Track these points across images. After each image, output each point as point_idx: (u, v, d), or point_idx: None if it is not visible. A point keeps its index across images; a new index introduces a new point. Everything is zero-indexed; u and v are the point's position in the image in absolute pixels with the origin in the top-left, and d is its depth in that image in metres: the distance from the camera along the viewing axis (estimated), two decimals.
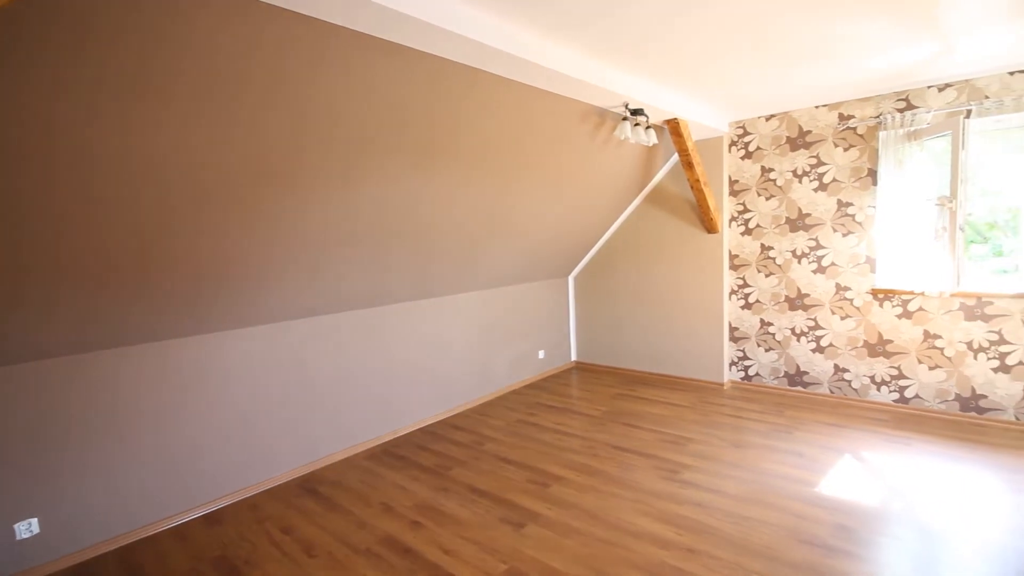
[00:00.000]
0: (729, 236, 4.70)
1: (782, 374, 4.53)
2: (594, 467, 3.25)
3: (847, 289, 4.12)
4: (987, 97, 3.44)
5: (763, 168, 4.44)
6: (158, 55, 1.71)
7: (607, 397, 4.65)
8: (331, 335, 3.51)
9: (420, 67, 2.34)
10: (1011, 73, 3.36)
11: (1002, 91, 3.40)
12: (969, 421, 3.67)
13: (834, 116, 4.04)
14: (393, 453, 3.62)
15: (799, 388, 4.44)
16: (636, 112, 3.40)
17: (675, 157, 4.71)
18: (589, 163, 4.02)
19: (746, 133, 4.50)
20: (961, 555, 2.25)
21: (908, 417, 3.82)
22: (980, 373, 3.64)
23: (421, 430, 4.03)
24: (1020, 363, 3.50)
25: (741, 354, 4.75)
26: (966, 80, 3.50)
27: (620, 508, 2.75)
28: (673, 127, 3.90)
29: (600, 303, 5.56)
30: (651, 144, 3.60)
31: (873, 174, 3.90)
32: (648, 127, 3.52)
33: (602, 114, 3.50)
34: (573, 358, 5.88)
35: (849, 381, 4.18)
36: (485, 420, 4.19)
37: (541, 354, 5.40)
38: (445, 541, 2.53)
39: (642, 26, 2.45)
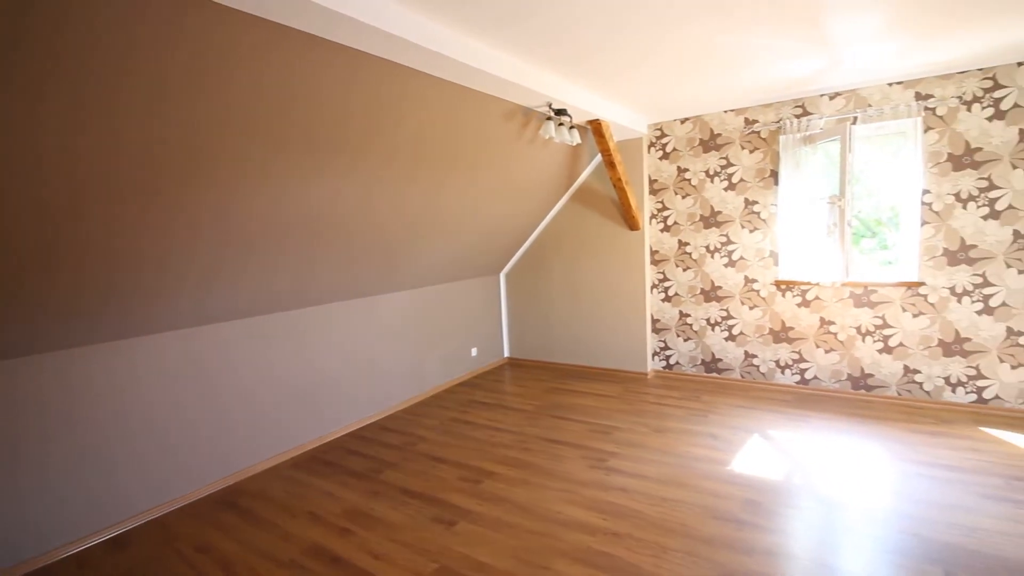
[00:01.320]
0: (650, 233, 4.92)
1: (699, 362, 4.81)
2: (526, 461, 3.32)
3: (754, 281, 4.45)
4: (870, 105, 3.82)
5: (679, 168, 4.69)
6: (24, 37, 1.55)
7: (539, 391, 4.74)
8: (251, 340, 3.35)
9: (341, 60, 2.27)
10: (890, 84, 3.75)
11: (882, 100, 3.78)
12: (859, 398, 4.08)
13: (741, 120, 4.33)
14: (321, 460, 3.51)
15: (714, 374, 4.75)
16: (560, 112, 3.48)
17: (599, 157, 4.86)
18: (516, 161, 4.07)
19: (663, 135, 4.73)
20: (854, 520, 2.50)
21: (808, 397, 4.19)
22: (868, 355, 4.05)
23: (351, 434, 3.93)
24: (900, 344, 3.93)
25: (663, 344, 5.00)
26: (853, 90, 3.87)
27: (550, 499, 2.82)
28: (595, 128, 4.03)
29: (531, 299, 5.65)
30: (575, 144, 3.71)
31: (775, 175, 4.23)
32: (572, 127, 3.62)
33: (527, 113, 3.55)
34: (506, 354, 5.94)
35: (757, 366, 4.52)
36: (418, 420, 4.15)
37: (474, 352, 5.41)
38: (375, 546, 2.49)
39: (563, 29, 2.52)
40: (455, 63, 2.51)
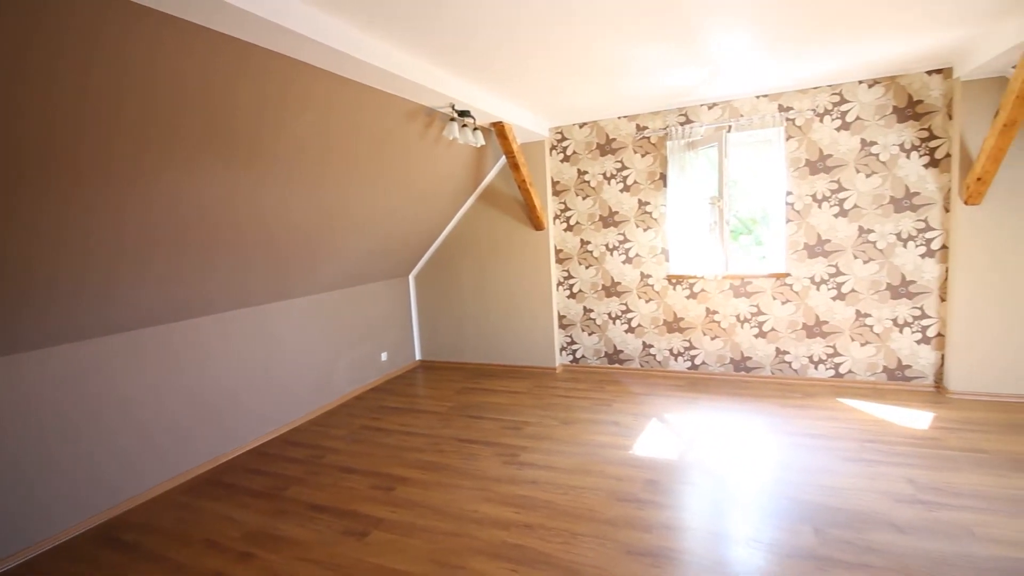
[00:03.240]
0: (554, 232, 5.11)
1: (603, 354, 5.08)
2: (439, 463, 3.31)
3: (649, 276, 4.77)
4: (742, 115, 4.24)
5: (579, 171, 4.91)
6: None
7: (452, 392, 4.74)
8: (133, 355, 3.03)
9: (229, 53, 2.13)
10: (757, 97, 4.18)
11: (752, 111, 4.21)
12: (740, 379, 4.53)
13: (632, 127, 4.63)
14: (218, 482, 3.26)
15: (616, 365, 5.04)
16: (463, 113, 3.51)
17: (504, 159, 4.95)
18: (421, 162, 4.04)
19: (564, 138, 4.92)
20: (739, 489, 2.77)
21: (698, 381, 4.57)
22: (746, 340, 4.50)
23: (252, 451, 3.69)
24: (772, 329, 4.40)
25: (569, 339, 5.21)
26: (728, 101, 4.27)
27: (464, 499, 2.85)
28: (499, 130, 4.11)
29: (442, 300, 5.64)
30: (479, 145, 3.75)
31: (664, 177, 4.57)
32: (475, 129, 3.66)
33: (430, 114, 3.54)
34: (418, 357, 5.87)
35: (654, 355, 4.86)
36: (325, 431, 3.99)
37: (384, 356, 5.29)
38: (282, 568, 2.37)
39: (459, 29, 2.56)
40: (353, 60, 2.46)
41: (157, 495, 3.13)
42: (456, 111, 3.48)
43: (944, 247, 3.86)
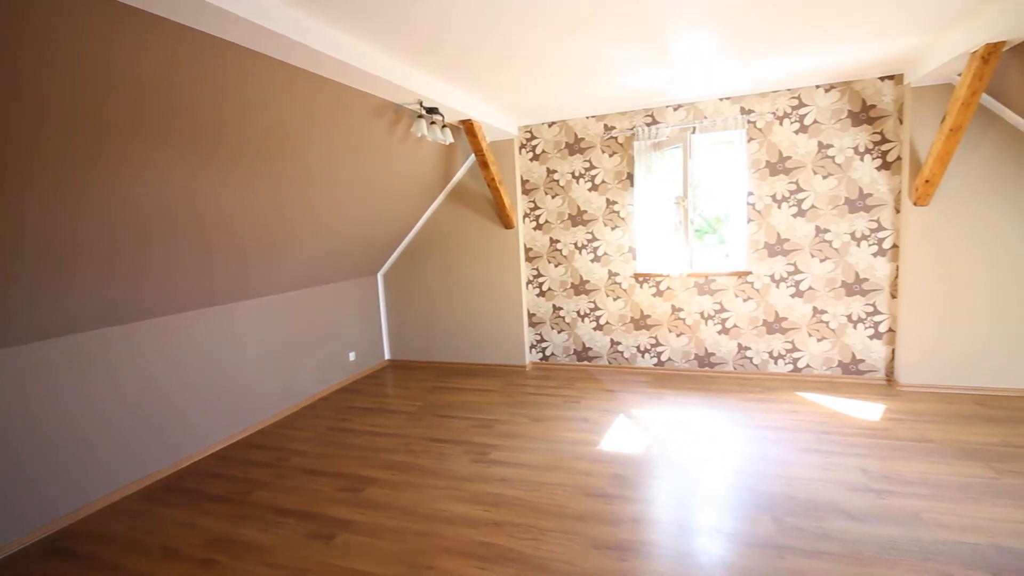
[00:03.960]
0: (523, 231, 5.12)
1: (572, 352, 5.13)
2: (409, 463, 3.29)
3: (617, 275, 4.84)
4: (706, 117, 4.34)
5: (548, 170, 4.94)
6: None
7: (422, 391, 4.71)
8: (85, 358, 2.90)
9: (195, 47, 2.06)
10: (720, 99, 4.29)
11: (715, 113, 4.31)
12: (704, 374, 4.64)
13: (600, 126, 4.68)
14: (177, 488, 3.16)
15: (585, 362, 5.09)
16: (431, 111, 3.48)
17: (473, 157, 4.94)
18: (389, 159, 3.99)
19: (533, 137, 4.94)
20: (702, 482, 2.85)
21: (664, 377, 4.67)
22: (710, 336, 4.62)
23: (213, 456, 3.59)
24: (735, 326, 4.53)
25: (539, 337, 5.24)
26: (692, 103, 4.36)
27: (434, 498, 2.84)
28: (468, 128, 4.09)
29: (411, 299, 5.59)
30: (448, 143, 3.73)
31: (631, 177, 4.64)
32: (444, 126, 3.64)
33: (398, 110, 3.50)
34: (387, 356, 5.80)
35: (622, 352, 4.93)
36: (291, 433, 3.91)
37: (352, 356, 5.21)
38: (245, 574, 2.31)
39: (431, 27, 2.54)
40: (321, 55, 2.41)
41: (111, 503, 3.00)
42: (424, 108, 3.45)
43: (895, 246, 4.04)
